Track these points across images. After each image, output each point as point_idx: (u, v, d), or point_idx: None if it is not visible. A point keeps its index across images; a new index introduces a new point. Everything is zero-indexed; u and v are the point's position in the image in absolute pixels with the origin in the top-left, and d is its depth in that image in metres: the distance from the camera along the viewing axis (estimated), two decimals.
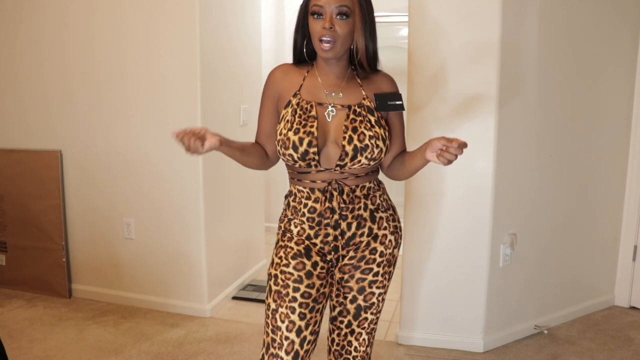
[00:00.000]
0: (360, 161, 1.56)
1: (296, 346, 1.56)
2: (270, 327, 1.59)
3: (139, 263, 3.22)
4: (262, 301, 3.26)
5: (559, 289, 3.01)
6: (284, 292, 1.58)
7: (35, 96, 3.28)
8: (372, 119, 1.59)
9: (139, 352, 2.72)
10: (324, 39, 1.53)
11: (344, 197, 1.59)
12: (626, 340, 2.86)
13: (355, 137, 1.55)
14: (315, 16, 1.54)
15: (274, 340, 1.58)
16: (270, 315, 1.59)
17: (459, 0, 2.56)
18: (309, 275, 1.59)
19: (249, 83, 3.49)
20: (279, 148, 1.59)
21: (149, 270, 3.20)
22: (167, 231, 3.13)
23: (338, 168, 1.57)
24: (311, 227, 1.62)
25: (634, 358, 2.68)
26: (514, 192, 2.73)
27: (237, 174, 3.35)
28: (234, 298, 3.38)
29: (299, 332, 1.56)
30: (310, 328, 1.58)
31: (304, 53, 1.65)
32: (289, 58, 1.72)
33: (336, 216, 1.60)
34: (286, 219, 1.68)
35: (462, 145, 1.43)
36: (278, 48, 4.47)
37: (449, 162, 1.46)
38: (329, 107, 1.59)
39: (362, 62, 1.60)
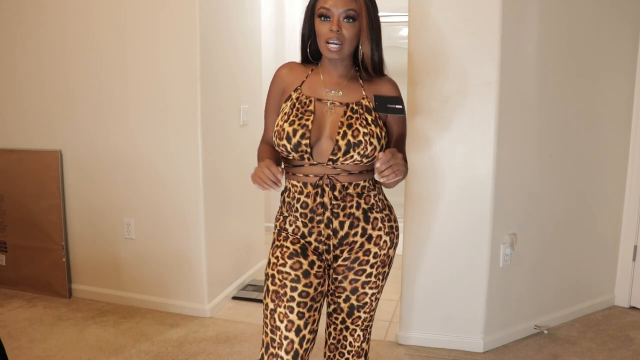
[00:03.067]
0: (352, 157, 1.57)
1: (296, 345, 1.57)
2: (269, 327, 1.59)
3: (139, 263, 3.22)
4: (262, 301, 3.26)
5: (559, 289, 3.01)
6: (281, 291, 1.58)
7: (35, 96, 3.28)
8: (369, 117, 1.60)
9: (139, 352, 2.72)
10: (331, 41, 1.55)
11: (336, 193, 1.60)
12: (626, 340, 2.86)
13: (349, 132, 1.57)
14: (322, 18, 1.56)
15: (273, 340, 1.58)
16: (269, 315, 1.60)
17: (459, 0, 2.56)
18: (306, 274, 1.60)
19: (249, 83, 3.49)
20: (274, 139, 1.62)
21: (149, 270, 3.20)
22: (167, 231, 3.13)
23: (330, 162, 1.58)
24: (304, 225, 1.63)
25: (634, 358, 2.68)
26: (514, 192, 2.73)
27: (236, 174, 3.35)
28: (234, 298, 3.38)
29: (298, 331, 1.57)
30: (309, 327, 1.59)
31: (309, 53, 1.67)
32: (289, 58, 1.73)
33: (328, 213, 1.61)
34: (281, 218, 1.69)
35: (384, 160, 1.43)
36: (278, 48, 4.48)
37: (389, 178, 1.45)
38: (328, 103, 1.61)
39: (366, 66, 1.61)
